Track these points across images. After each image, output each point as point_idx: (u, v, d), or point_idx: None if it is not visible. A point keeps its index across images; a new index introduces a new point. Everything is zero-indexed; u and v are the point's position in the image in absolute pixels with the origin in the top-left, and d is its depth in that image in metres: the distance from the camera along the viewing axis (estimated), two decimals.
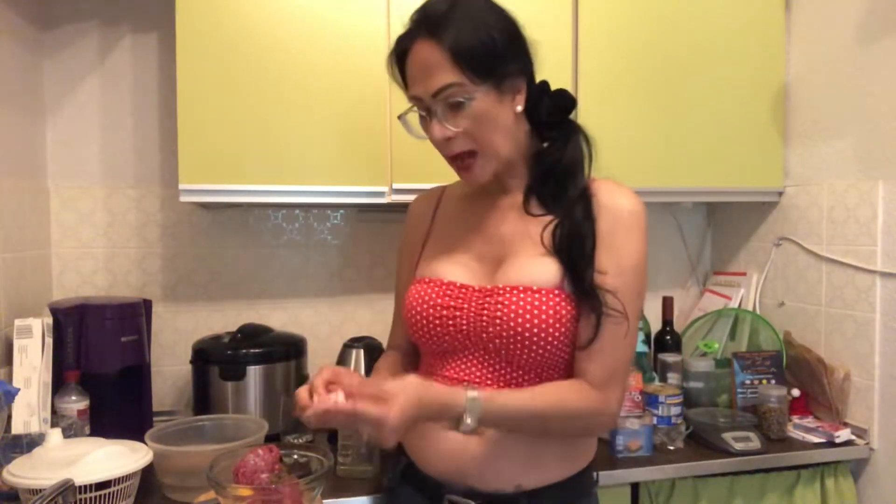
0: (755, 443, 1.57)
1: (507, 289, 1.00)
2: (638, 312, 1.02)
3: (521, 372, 1.01)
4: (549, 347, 0.98)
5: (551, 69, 1.75)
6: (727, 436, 1.58)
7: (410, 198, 1.65)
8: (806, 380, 1.80)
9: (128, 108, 1.84)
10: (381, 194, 1.65)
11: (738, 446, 1.56)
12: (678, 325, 1.96)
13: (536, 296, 0.98)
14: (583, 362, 0.98)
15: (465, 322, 1.02)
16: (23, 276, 1.62)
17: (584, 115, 1.72)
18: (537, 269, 1.00)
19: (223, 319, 1.91)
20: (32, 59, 1.73)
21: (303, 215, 1.96)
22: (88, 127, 1.82)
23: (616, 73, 1.76)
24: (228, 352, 1.64)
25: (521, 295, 0.98)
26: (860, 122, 1.69)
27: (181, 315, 1.89)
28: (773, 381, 1.78)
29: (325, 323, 1.98)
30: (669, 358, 1.78)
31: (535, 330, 0.97)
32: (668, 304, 1.92)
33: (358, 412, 0.83)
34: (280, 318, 1.94)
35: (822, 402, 1.76)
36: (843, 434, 1.63)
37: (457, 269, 1.07)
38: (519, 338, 0.98)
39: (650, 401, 1.61)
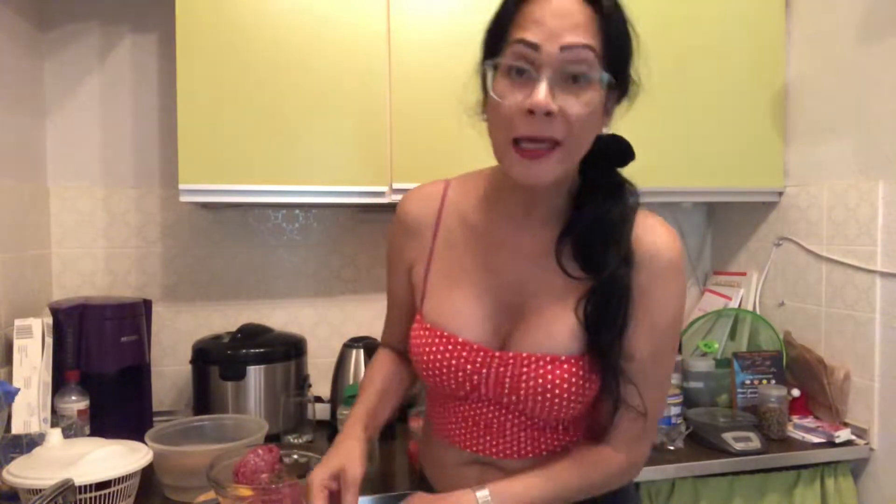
0: (755, 443, 1.57)
1: (532, 359, 0.88)
2: (672, 367, 0.97)
3: (539, 422, 0.93)
4: (572, 409, 0.89)
5: None
6: (727, 436, 1.58)
7: None
8: (806, 380, 1.80)
9: (128, 108, 1.84)
10: (381, 194, 1.65)
11: (738, 446, 1.56)
12: None
13: (564, 366, 0.87)
14: (613, 422, 0.90)
15: (483, 384, 0.91)
16: (23, 276, 1.62)
17: None
18: (563, 338, 0.88)
19: (223, 319, 1.91)
20: (32, 59, 1.73)
21: (303, 215, 1.96)
22: (88, 127, 1.82)
23: None
24: (228, 352, 1.64)
25: (548, 366, 0.87)
26: (860, 122, 1.69)
27: (181, 315, 1.89)
28: (773, 381, 1.78)
29: (325, 323, 1.98)
30: None
31: (559, 401, 0.88)
32: None
33: None
34: (280, 318, 1.94)
35: (822, 402, 1.76)
36: (843, 434, 1.63)
37: (470, 324, 0.92)
38: (545, 406, 0.89)
39: None
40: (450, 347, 0.92)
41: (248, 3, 1.56)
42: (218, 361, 1.63)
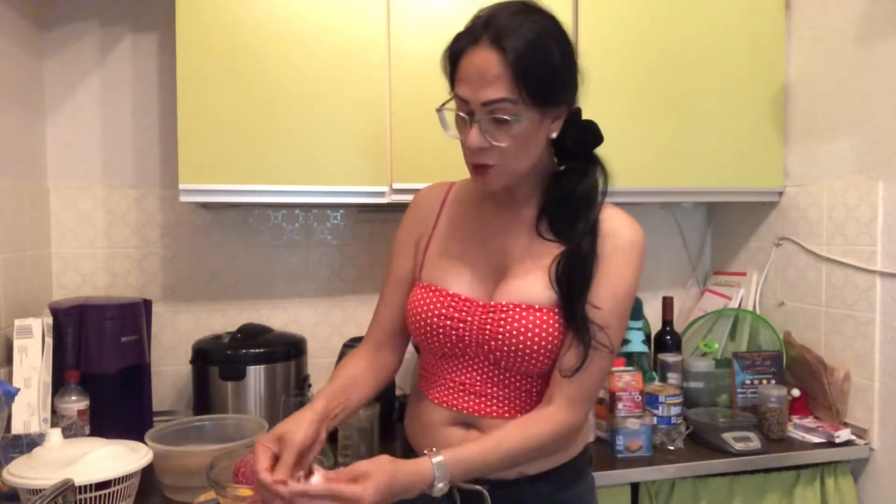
0: (755, 443, 1.57)
1: (511, 306, 1.03)
2: (622, 337, 1.08)
3: (516, 377, 1.05)
4: (544, 360, 1.03)
5: None
6: (727, 436, 1.58)
7: (410, 198, 1.66)
8: (806, 380, 1.80)
9: (128, 108, 1.84)
10: (381, 194, 1.65)
11: (738, 446, 1.56)
12: (678, 325, 1.96)
13: (538, 314, 1.01)
14: (560, 384, 1.01)
15: (468, 334, 1.05)
16: (23, 276, 1.62)
17: (585, 115, 1.72)
18: (539, 290, 1.03)
19: (223, 319, 1.91)
20: (32, 59, 1.73)
21: (303, 215, 1.96)
22: (88, 127, 1.82)
23: (616, 73, 1.76)
24: (228, 352, 1.64)
25: (524, 313, 1.02)
26: (860, 122, 1.69)
27: (181, 315, 1.89)
28: (773, 381, 1.78)
29: (325, 323, 1.98)
30: (669, 358, 1.78)
31: (535, 347, 1.01)
32: (668, 304, 1.92)
33: (335, 492, 0.86)
34: (280, 318, 1.94)
35: (822, 402, 1.76)
36: (843, 434, 1.63)
37: (461, 280, 1.08)
38: (519, 353, 1.02)
39: (650, 401, 1.61)
40: (441, 299, 1.07)
41: (249, 3, 1.56)
42: (218, 361, 1.63)
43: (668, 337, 1.88)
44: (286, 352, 1.69)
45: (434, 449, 0.95)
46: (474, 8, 1.64)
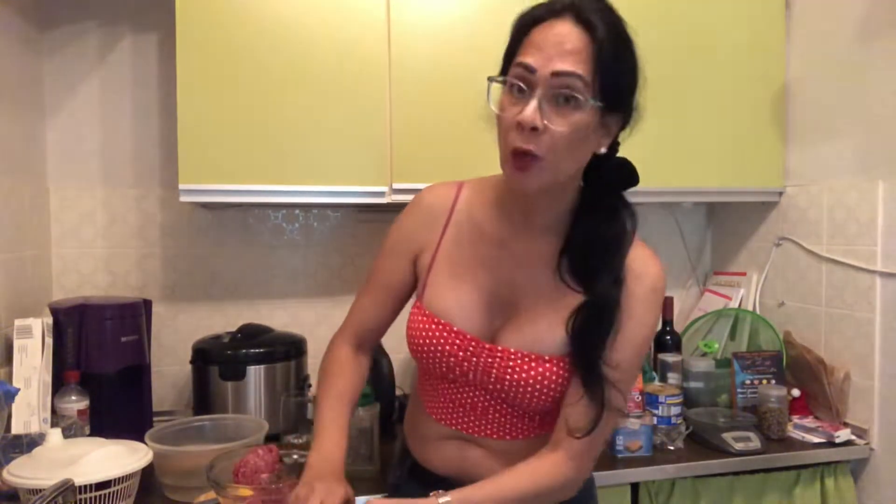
0: (755, 443, 1.57)
1: (519, 354, 0.97)
2: (633, 385, 1.07)
3: (519, 412, 1.01)
4: (548, 403, 0.98)
5: None
6: (727, 436, 1.58)
7: (410, 198, 1.65)
8: (806, 380, 1.80)
9: (128, 108, 1.84)
10: (381, 194, 1.65)
11: (738, 446, 1.56)
12: (678, 325, 1.96)
13: (546, 365, 0.96)
14: (567, 435, 0.95)
15: (471, 371, 1.00)
16: (23, 276, 1.62)
17: None
18: (550, 339, 0.97)
19: (223, 319, 1.91)
20: (32, 59, 1.73)
21: (303, 215, 1.96)
22: (88, 127, 1.82)
23: None
24: (228, 352, 1.64)
25: (532, 363, 0.96)
26: (860, 122, 1.69)
27: (181, 315, 1.89)
28: (773, 381, 1.78)
29: (325, 323, 1.98)
30: (669, 358, 1.78)
31: (541, 396, 0.97)
32: (668, 304, 1.92)
33: None
34: (280, 318, 1.94)
35: (822, 402, 1.76)
36: (843, 434, 1.63)
37: (466, 316, 1.01)
38: (523, 396, 0.98)
39: (650, 401, 1.61)
40: (444, 334, 1.00)
41: (249, 3, 1.56)
42: (218, 361, 1.63)
43: (668, 337, 1.88)
44: (286, 352, 1.69)
45: (440, 491, 0.91)
46: (474, 8, 1.65)
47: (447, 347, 1.00)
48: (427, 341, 1.02)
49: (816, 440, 1.64)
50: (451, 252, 1.04)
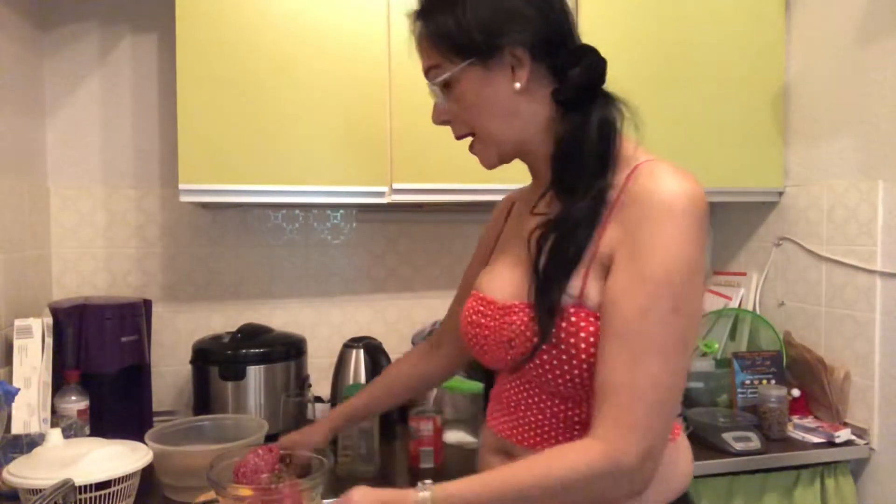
0: (755, 443, 1.57)
1: (517, 305, 0.88)
2: (678, 336, 0.76)
3: (548, 398, 0.87)
4: (568, 372, 0.81)
5: None
6: (727, 436, 1.58)
7: (410, 198, 1.67)
8: (806, 380, 1.80)
9: (128, 108, 1.84)
10: (381, 194, 1.65)
11: (738, 446, 1.56)
12: None
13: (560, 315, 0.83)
14: (598, 407, 0.77)
15: (485, 340, 0.93)
16: (23, 276, 1.62)
17: None
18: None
19: (223, 319, 1.91)
20: (32, 59, 1.73)
21: (303, 215, 1.96)
22: (88, 127, 1.82)
23: (616, 74, 1.75)
24: (228, 352, 1.64)
25: (527, 309, 0.85)
26: (860, 122, 1.69)
27: (181, 315, 1.89)
28: (773, 381, 1.78)
29: (325, 323, 1.98)
30: None
31: (545, 354, 0.83)
32: None
33: None
34: (280, 318, 1.94)
35: (822, 402, 1.76)
36: (843, 434, 1.63)
37: (491, 280, 0.97)
38: (532, 362, 0.84)
39: None
40: (472, 302, 0.98)
41: (249, 4, 1.56)
42: (218, 361, 1.63)
43: None
44: (286, 352, 1.69)
45: (427, 482, 0.82)
46: None
47: (473, 316, 0.96)
48: (464, 314, 0.99)
49: (816, 440, 1.64)
50: (502, 242, 1.06)
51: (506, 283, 0.94)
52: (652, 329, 0.75)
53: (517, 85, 0.88)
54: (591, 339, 0.80)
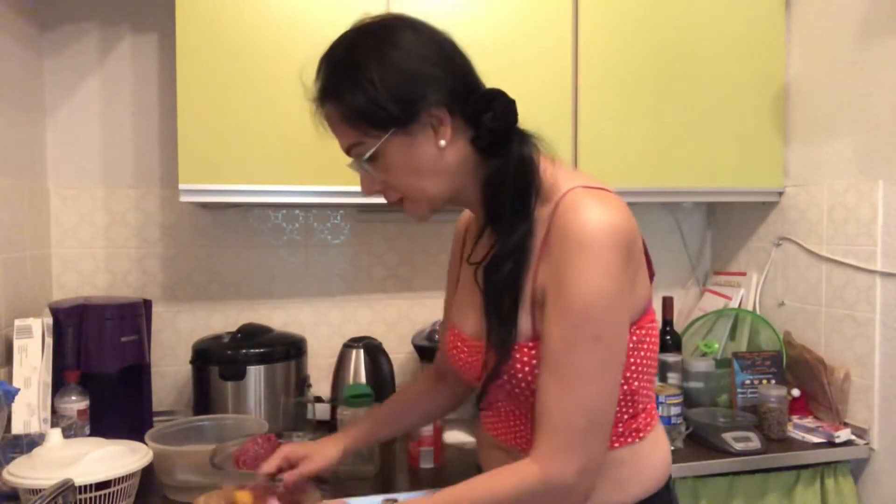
0: (755, 443, 1.57)
1: (482, 345, 0.96)
2: (602, 362, 0.83)
3: (524, 406, 0.95)
4: (521, 395, 0.91)
5: (551, 70, 1.77)
6: (727, 436, 1.58)
7: None
8: (806, 380, 1.80)
9: (128, 108, 1.84)
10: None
11: (738, 446, 1.56)
12: (678, 325, 1.96)
13: (524, 350, 0.89)
14: (535, 429, 0.86)
15: (474, 374, 0.98)
16: (23, 276, 1.62)
17: (585, 116, 1.73)
18: (525, 326, 0.90)
19: (223, 319, 1.91)
20: (32, 59, 1.73)
21: (303, 215, 1.96)
22: (88, 127, 1.82)
23: (616, 74, 1.76)
24: (228, 352, 1.64)
25: (515, 354, 0.90)
26: (860, 122, 1.69)
27: (181, 315, 1.89)
28: (773, 381, 1.78)
29: (325, 323, 1.98)
30: (669, 358, 1.78)
31: (525, 385, 0.89)
32: (668, 304, 1.92)
33: None
34: (280, 318, 1.94)
35: (822, 402, 1.76)
36: (843, 434, 1.63)
37: (466, 317, 1.02)
38: (521, 390, 0.91)
39: None
40: (453, 339, 1.04)
41: (249, 4, 1.56)
42: (218, 361, 1.63)
43: (669, 337, 1.88)
44: (286, 352, 1.69)
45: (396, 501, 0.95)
46: (474, 8, 1.65)
47: (458, 354, 1.02)
48: (449, 350, 1.05)
49: (816, 440, 1.64)
50: (464, 271, 1.07)
51: (470, 319, 1.01)
52: (577, 358, 0.82)
53: (442, 143, 0.90)
54: (529, 369, 0.89)
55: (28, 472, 1.12)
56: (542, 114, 1.72)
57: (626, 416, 0.93)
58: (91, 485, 1.12)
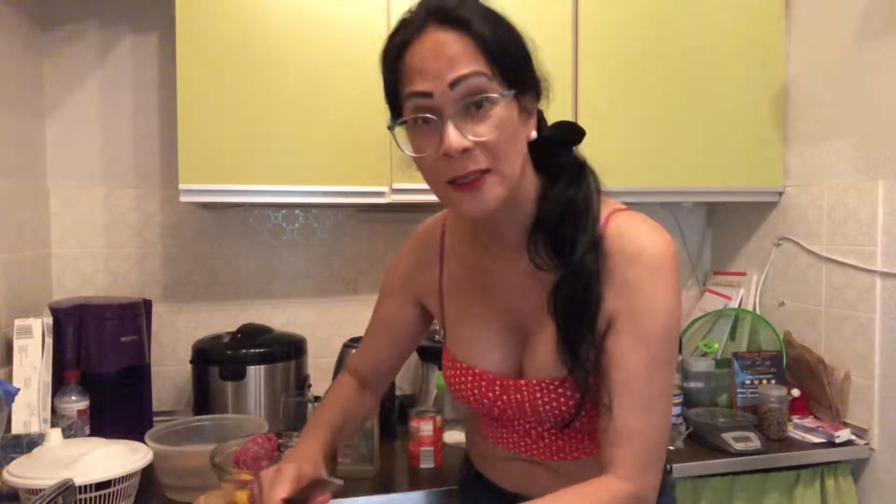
0: (755, 443, 1.57)
1: (543, 385, 0.91)
2: (671, 381, 0.86)
3: (574, 434, 0.95)
4: (591, 424, 0.91)
5: (551, 70, 1.77)
6: (727, 436, 1.58)
7: (410, 198, 1.66)
8: (806, 380, 1.80)
9: (128, 108, 1.84)
10: (381, 194, 1.65)
11: (738, 446, 1.56)
12: None
13: (568, 391, 0.89)
14: (606, 448, 0.84)
15: (509, 409, 0.95)
16: (23, 276, 1.62)
17: (585, 116, 1.73)
18: (557, 356, 0.88)
19: (223, 319, 1.91)
20: (32, 59, 1.73)
21: (303, 215, 1.96)
22: (88, 127, 1.82)
23: (616, 74, 1.76)
24: (228, 352, 1.64)
25: (560, 391, 0.90)
26: (860, 122, 1.69)
27: (181, 315, 1.89)
28: (773, 381, 1.78)
29: (325, 323, 1.98)
30: None
31: (570, 418, 0.91)
32: None
33: None
34: (280, 318, 1.94)
35: (822, 402, 1.76)
36: (843, 434, 1.63)
37: (486, 357, 0.96)
38: (562, 423, 0.92)
39: None
40: (471, 379, 0.97)
41: (249, 4, 1.56)
42: (218, 361, 1.63)
43: None
44: (286, 352, 1.69)
45: None
46: None
47: (476, 392, 0.96)
48: (459, 388, 0.99)
49: (816, 440, 1.64)
50: (452, 291, 1.01)
51: (496, 356, 0.96)
52: (656, 381, 0.83)
53: (533, 134, 0.86)
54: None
55: (28, 472, 1.11)
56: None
57: None
58: (91, 485, 1.12)
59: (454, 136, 0.77)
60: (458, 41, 0.77)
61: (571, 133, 0.90)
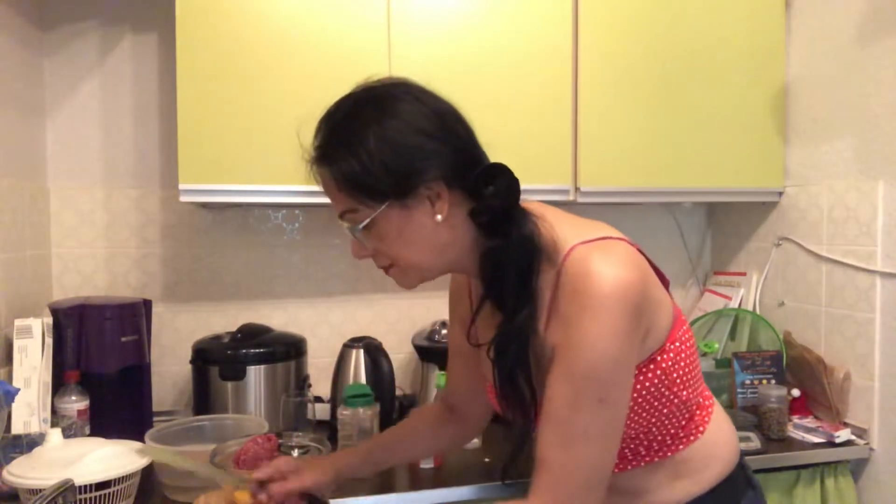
0: (755, 443, 1.57)
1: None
2: (605, 423, 0.83)
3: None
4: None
5: (551, 70, 1.77)
6: None
7: None
8: (806, 380, 1.80)
9: (128, 108, 1.84)
10: None
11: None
12: None
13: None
14: (534, 473, 0.87)
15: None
16: (23, 276, 1.62)
17: (585, 116, 1.73)
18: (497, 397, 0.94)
19: (223, 319, 1.91)
20: (32, 59, 1.73)
21: (303, 215, 1.96)
22: (88, 127, 1.82)
23: (616, 74, 1.76)
24: (228, 352, 1.64)
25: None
26: (860, 122, 1.69)
27: (181, 315, 1.89)
28: (773, 381, 1.78)
29: (325, 323, 1.98)
30: None
31: (515, 450, 0.97)
32: None
33: None
34: (280, 318, 1.94)
35: (822, 402, 1.76)
36: (843, 434, 1.63)
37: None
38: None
39: None
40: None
41: (248, 3, 1.56)
42: (218, 361, 1.63)
43: None
44: (286, 352, 1.69)
45: None
46: (474, 12, 1.65)
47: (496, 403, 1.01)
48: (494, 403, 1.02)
49: (816, 440, 1.64)
50: (481, 326, 1.01)
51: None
52: (580, 418, 0.82)
53: (438, 217, 0.88)
54: None
55: (28, 472, 1.12)
56: (543, 114, 1.73)
57: (683, 422, 0.95)
58: (91, 485, 1.12)
59: (353, 249, 0.94)
60: (330, 180, 0.90)
61: (504, 191, 0.87)
